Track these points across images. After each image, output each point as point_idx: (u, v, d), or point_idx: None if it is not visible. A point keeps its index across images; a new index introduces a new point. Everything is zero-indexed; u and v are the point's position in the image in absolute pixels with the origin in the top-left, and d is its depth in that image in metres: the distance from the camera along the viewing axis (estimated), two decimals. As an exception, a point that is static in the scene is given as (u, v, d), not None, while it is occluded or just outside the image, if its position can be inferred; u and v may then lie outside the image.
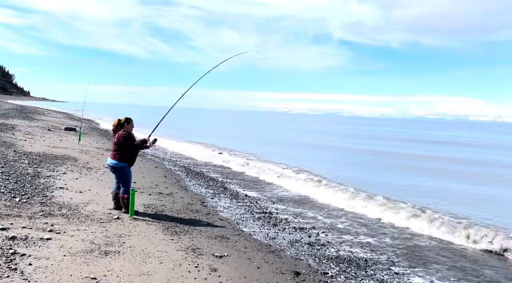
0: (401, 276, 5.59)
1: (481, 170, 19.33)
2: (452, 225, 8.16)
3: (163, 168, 13.60)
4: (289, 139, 33.64)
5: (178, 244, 5.61)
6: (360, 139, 39.17)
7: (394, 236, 7.67)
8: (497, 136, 63.99)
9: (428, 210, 9.28)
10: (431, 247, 7.14)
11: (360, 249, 6.69)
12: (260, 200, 10.01)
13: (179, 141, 26.88)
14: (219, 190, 10.73)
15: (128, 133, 6.96)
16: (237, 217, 7.89)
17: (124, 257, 4.89)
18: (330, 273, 5.33)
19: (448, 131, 76.98)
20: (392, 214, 9.05)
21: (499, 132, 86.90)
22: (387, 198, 10.51)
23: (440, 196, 11.73)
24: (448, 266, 6.19)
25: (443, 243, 7.39)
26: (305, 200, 10.47)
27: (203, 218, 7.32)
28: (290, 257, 5.82)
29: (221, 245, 5.85)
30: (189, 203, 8.41)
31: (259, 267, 5.14)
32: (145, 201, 8.04)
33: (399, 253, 6.63)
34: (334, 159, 21.99)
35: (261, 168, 15.69)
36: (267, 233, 7.00)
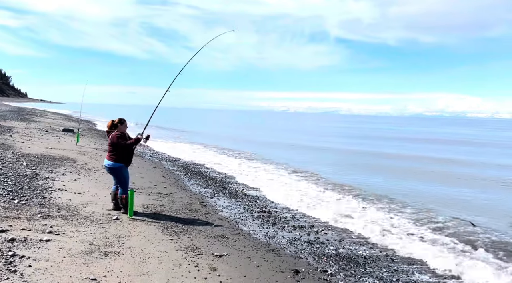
0: (400, 273, 5.61)
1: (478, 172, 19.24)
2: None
3: (162, 168, 13.59)
4: (288, 139, 33.65)
5: (178, 244, 5.62)
6: (360, 139, 39.14)
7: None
8: (495, 133, 64.10)
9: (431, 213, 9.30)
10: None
11: (359, 246, 6.71)
12: (259, 199, 10.02)
13: (178, 141, 26.87)
14: (218, 189, 10.73)
15: (122, 133, 6.95)
16: (236, 216, 7.89)
17: (124, 257, 4.89)
18: (329, 271, 5.35)
19: (446, 128, 77.09)
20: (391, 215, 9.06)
21: (497, 128, 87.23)
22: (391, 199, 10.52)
23: (442, 201, 11.61)
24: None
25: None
26: (306, 198, 10.47)
27: (202, 218, 7.33)
28: (290, 255, 5.83)
29: (221, 244, 5.86)
30: (188, 203, 8.41)
31: (259, 265, 5.16)
32: (144, 202, 8.04)
33: (398, 249, 6.64)
34: (331, 159, 22.01)
35: (260, 168, 15.70)
36: (267, 232, 7.01)
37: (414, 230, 7.84)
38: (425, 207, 9.91)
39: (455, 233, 7.76)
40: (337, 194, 11.13)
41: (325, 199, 10.42)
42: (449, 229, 8.04)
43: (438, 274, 5.72)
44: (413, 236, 7.45)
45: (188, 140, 27.58)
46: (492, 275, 5.63)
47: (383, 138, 40.96)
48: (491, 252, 6.68)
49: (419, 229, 7.90)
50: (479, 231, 7.98)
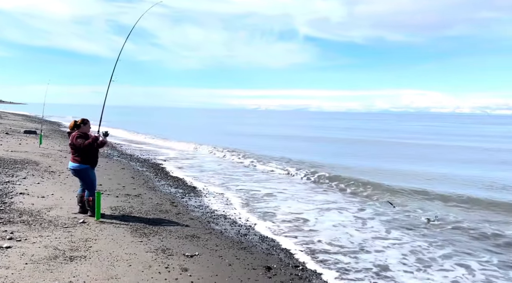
0: (367, 264, 5.75)
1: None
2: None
3: (131, 169, 13.28)
4: (259, 136, 33.79)
5: (148, 245, 5.51)
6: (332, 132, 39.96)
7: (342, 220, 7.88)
8: (454, 125, 67.19)
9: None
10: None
11: (330, 238, 6.82)
12: (231, 196, 9.99)
13: (147, 140, 26.34)
14: (189, 189, 10.61)
15: (82, 133, 6.69)
16: (208, 216, 7.83)
17: (91, 261, 4.74)
18: (300, 266, 5.41)
19: (409, 123, 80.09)
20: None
21: (457, 122, 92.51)
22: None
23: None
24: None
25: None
26: (274, 194, 10.54)
27: (173, 218, 7.22)
28: (262, 252, 5.85)
29: (192, 244, 5.79)
30: (158, 204, 8.26)
31: (231, 264, 5.14)
32: (112, 204, 7.83)
33: (364, 240, 6.81)
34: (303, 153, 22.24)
35: (232, 165, 15.66)
36: (239, 230, 7.00)
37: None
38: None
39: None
40: (306, 185, 11.29)
41: (293, 192, 10.54)
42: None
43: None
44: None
45: (159, 138, 27.11)
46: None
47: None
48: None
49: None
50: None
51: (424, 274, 5.52)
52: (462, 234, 7.48)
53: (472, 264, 5.96)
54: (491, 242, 7.04)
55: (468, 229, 7.72)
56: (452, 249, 6.60)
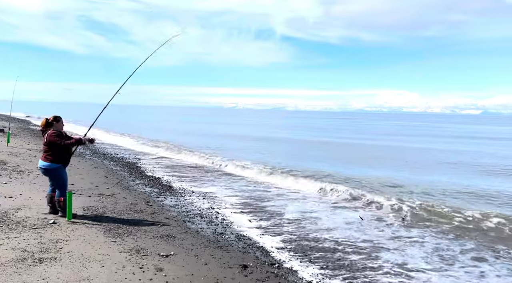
0: (343, 261, 5.84)
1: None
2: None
3: (104, 168, 12.97)
4: (236, 134, 33.70)
5: (121, 246, 5.39)
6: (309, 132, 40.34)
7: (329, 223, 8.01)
8: (416, 123, 69.35)
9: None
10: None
11: (305, 235, 6.89)
12: (207, 195, 9.93)
13: (122, 138, 25.79)
14: (164, 188, 10.47)
15: (59, 132, 6.51)
16: (184, 215, 7.75)
17: (62, 263, 4.60)
18: (276, 264, 5.44)
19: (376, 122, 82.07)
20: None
21: (426, 121, 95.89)
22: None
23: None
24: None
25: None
26: (253, 192, 10.55)
27: (148, 218, 7.10)
28: (238, 251, 5.84)
29: (167, 244, 5.71)
30: (132, 203, 8.11)
31: (207, 263, 5.10)
32: (84, 204, 7.62)
33: (339, 240, 6.93)
34: (282, 151, 22.35)
35: (209, 163, 15.56)
36: (215, 229, 6.97)
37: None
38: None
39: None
40: (287, 181, 11.37)
41: (273, 190, 10.59)
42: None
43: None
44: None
45: (133, 137, 26.59)
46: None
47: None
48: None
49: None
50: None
51: (400, 269, 5.67)
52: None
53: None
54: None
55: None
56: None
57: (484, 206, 9.55)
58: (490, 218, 8.15)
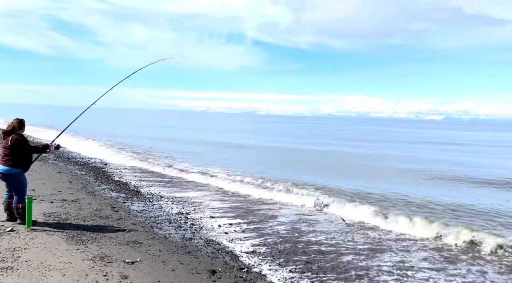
0: (311, 264, 5.90)
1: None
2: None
3: (68, 172, 12.50)
4: (207, 139, 33.45)
5: (85, 253, 5.19)
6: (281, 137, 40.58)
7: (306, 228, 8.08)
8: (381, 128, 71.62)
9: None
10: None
11: (274, 239, 6.90)
12: (176, 200, 9.77)
13: (88, 142, 24.98)
14: (132, 193, 10.21)
15: (23, 136, 6.25)
16: (152, 220, 7.58)
17: (19, 273, 4.37)
18: (245, 268, 5.41)
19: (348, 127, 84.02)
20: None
21: (392, 125, 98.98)
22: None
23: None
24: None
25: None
26: (222, 198, 10.48)
27: (113, 224, 6.88)
28: (207, 256, 5.77)
29: (133, 250, 5.56)
30: (97, 209, 7.84)
31: (174, 269, 5.00)
32: (45, 210, 7.30)
33: (310, 243, 6.99)
34: (249, 157, 22.38)
35: (177, 168, 15.34)
36: (184, 234, 6.85)
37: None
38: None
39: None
40: (256, 190, 11.37)
41: (241, 195, 10.56)
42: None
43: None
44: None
45: (99, 141, 25.82)
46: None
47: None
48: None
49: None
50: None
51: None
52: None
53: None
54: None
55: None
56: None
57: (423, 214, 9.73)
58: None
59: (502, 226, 8.42)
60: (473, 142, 42.57)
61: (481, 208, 10.08)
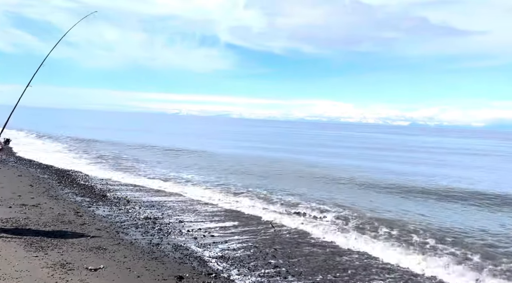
0: (280, 268, 5.88)
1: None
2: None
3: (30, 176, 11.95)
4: (179, 143, 32.92)
5: (44, 260, 4.95)
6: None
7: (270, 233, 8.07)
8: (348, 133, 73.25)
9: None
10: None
11: (243, 245, 6.85)
12: (144, 205, 9.53)
13: (52, 145, 24.04)
14: (97, 197, 9.87)
15: None
16: (117, 226, 7.34)
17: (-30, 283, 4.10)
18: (214, 274, 5.33)
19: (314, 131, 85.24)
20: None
21: (363, 131, 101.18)
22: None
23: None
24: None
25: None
26: (190, 203, 10.32)
27: (76, 230, 6.62)
28: (174, 261, 5.64)
29: (97, 257, 5.35)
30: (60, 214, 7.52)
31: (140, 276, 4.86)
32: (3, 215, 6.92)
33: (278, 248, 6.98)
34: (216, 163, 22.22)
35: (144, 173, 15.01)
36: (151, 240, 6.68)
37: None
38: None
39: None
40: (220, 194, 11.27)
41: (208, 200, 10.45)
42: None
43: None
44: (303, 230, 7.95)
45: (65, 144, 24.90)
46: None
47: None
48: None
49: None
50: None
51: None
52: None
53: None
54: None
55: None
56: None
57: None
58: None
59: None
60: (439, 149, 41.04)
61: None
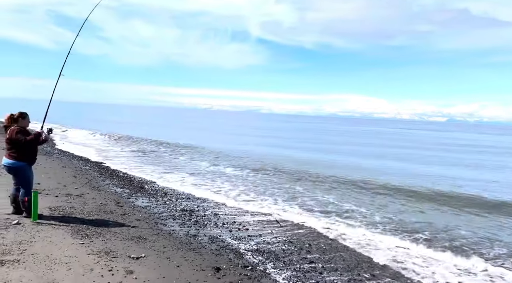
0: (315, 264, 5.89)
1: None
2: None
3: (73, 167, 12.54)
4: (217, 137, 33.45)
5: (90, 248, 5.21)
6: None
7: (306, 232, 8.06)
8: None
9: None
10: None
11: (277, 239, 6.90)
12: (180, 197, 9.78)
13: (92, 138, 25.08)
14: (136, 189, 10.23)
15: (22, 128, 6.22)
16: (156, 216, 7.59)
17: (25, 265, 4.39)
18: (250, 266, 5.40)
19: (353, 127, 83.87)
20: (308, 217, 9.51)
21: (398, 127, 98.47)
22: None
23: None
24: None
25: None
26: (224, 198, 10.47)
27: (118, 219, 6.90)
28: (211, 253, 5.77)
29: (138, 246, 5.57)
30: (102, 204, 7.87)
31: (179, 265, 5.01)
32: (51, 204, 7.32)
33: (313, 243, 6.98)
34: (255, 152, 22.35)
35: (184, 166, 15.37)
36: (188, 231, 6.86)
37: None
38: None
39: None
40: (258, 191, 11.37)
41: (240, 195, 10.56)
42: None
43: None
44: (334, 230, 7.92)
45: (103, 136, 25.90)
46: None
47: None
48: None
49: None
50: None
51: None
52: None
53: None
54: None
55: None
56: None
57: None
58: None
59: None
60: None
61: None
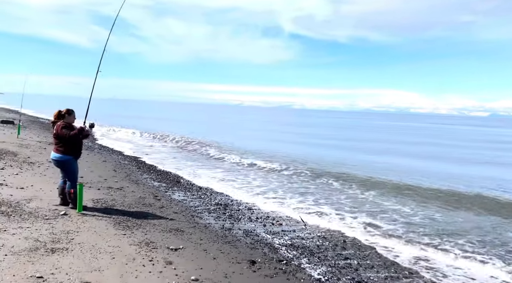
0: (351, 260, 5.85)
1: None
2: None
3: (112, 161, 13.08)
4: (254, 135, 33.73)
5: (131, 238, 5.45)
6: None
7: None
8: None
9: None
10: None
11: (311, 235, 6.91)
12: (214, 192, 9.98)
13: (130, 134, 25.97)
14: (172, 183, 10.54)
15: (67, 124, 6.56)
16: (192, 210, 7.80)
17: (73, 253, 4.66)
18: (284, 261, 5.46)
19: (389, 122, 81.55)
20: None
21: (437, 123, 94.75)
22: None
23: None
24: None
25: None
26: (258, 193, 10.58)
27: (156, 212, 7.16)
28: (246, 246, 5.87)
29: (176, 238, 5.76)
30: (141, 197, 8.18)
31: (215, 258, 5.14)
32: (94, 196, 7.70)
33: (348, 240, 6.93)
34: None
35: (218, 160, 15.63)
36: (223, 224, 7.01)
37: (365, 220, 8.24)
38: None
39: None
40: (286, 184, 11.38)
41: (275, 190, 10.60)
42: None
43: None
44: (369, 228, 7.82)
45: (142, 132, 26.74)
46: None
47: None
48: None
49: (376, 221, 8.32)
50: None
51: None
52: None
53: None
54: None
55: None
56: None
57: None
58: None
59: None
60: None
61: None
